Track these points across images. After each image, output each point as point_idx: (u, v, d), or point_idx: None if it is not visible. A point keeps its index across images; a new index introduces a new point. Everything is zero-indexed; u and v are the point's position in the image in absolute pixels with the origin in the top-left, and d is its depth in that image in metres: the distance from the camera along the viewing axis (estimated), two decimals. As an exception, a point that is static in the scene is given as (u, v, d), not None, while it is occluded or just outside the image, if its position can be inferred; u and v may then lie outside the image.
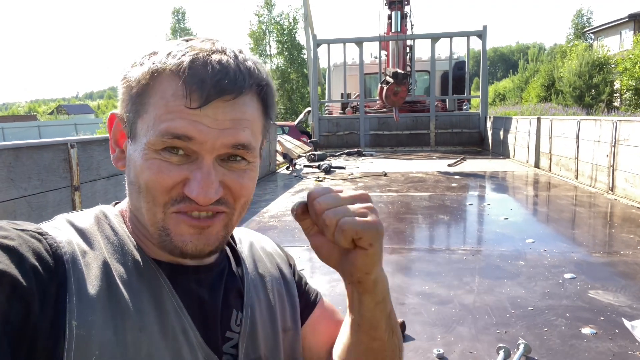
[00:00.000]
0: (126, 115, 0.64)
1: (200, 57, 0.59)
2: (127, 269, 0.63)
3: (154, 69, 0.60)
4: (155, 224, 0.63)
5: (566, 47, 37.75)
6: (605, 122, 6.02)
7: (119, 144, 0.68)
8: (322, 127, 13.02)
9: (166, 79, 0.60)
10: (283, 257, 0.89)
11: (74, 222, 0.65)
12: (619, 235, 4.07)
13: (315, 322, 0.88)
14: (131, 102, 0.63)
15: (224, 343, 0.70)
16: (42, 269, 0.55)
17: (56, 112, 60.03)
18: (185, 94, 0.58)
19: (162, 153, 0.60)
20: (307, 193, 0.66)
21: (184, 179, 0.61)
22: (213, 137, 0.60)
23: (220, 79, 0.59)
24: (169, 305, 0.64)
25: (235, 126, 0.61)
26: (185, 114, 0.58)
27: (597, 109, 23.74)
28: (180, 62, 0.59)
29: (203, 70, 0.58)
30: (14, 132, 32.19)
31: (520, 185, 6.92)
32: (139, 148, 0.62)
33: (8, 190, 2.78)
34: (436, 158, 10.36)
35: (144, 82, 0.61)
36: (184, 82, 0.58)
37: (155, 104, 0.60)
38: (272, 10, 34.60)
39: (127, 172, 0.65)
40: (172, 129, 0.59)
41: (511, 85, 40.86)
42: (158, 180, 0.60)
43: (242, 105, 0.61)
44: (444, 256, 3.59)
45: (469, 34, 12.58)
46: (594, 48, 28.10)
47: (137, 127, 0.62)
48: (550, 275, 3.13)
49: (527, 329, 2.40)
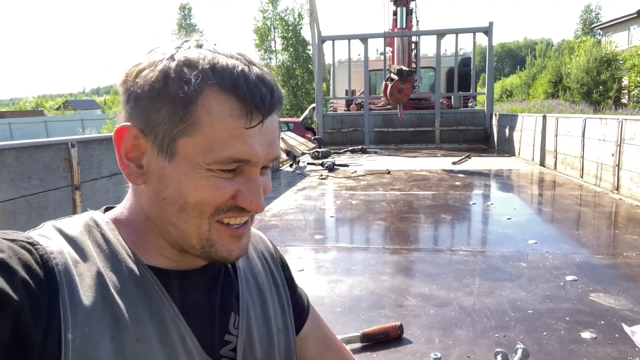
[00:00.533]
0: (156, 131, 0.61)
1: (247, 74, 0.60)
2: (121, 278, 0.62)
3: (202, 85, 0.58)
4: (199, 236, 0.64)
5: (574, 43, 37.41)
6: (610, 120, 5.95)
7: (130, 158, 0.64)
8: (326, 124, 12.99)
9: (219, 97, 0.59)
10: (274, 255, 0.89)
11: (63, 230, 0.64)
12: (623, 236, 4.02)
13: (306, 337, 0.90)
14: (171, 119, 0.60)
15: (222, 346, 0.70)
16: (33, 282, 0.54)
17: (63, 108, 60.34)
18: (244, 114, 0.59)
19: (215, 170, 0.61)
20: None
21: (235, 192, 0.63)
22: (264, 154, 0.63)
23: (272, 96, 0.61)
24: (166, 313, 0.63)
25: (275, 140, 0.65)
26: (245, 136, 0.60)
27: (604, 106, 23.54)
28: (233, 80, 0.59)
29: (256, 89, 0.59)
30: (21, 128, 32.40)
31: (524, 184, 6.87)
32: (185, 166, 0.61)
33: (8, 190, 2.79)
34: (441, 156, 10.31)
35: (190, 100, 0.58)
36: (242, 102, 0.59)
37: (211, 124, 0.59)
38: (277, 6, 34.51)
39: (157, 189, 0.63)
40: (234, 155, 0.60)
41: (518, 81, 40.58)
42: (215, 197, 0.62)
43: (276, 119, 0.65)
44: (444, 257, 3.57)
45: (475, 30, 12.49)
46: (602, 44, 27.83)
47: (179, 146, 0.60)
48: (551, 277, 3.10)
49: (526, 332, 2.38)
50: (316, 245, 3.96)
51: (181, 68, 0.59)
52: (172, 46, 0.63)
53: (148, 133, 0.62)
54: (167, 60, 0.61)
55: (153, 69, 0.61)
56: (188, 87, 0.58)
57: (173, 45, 0.63)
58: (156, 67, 0.61)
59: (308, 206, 5.48)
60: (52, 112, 55.60)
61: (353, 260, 3.54)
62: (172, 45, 0.63)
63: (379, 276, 3.20)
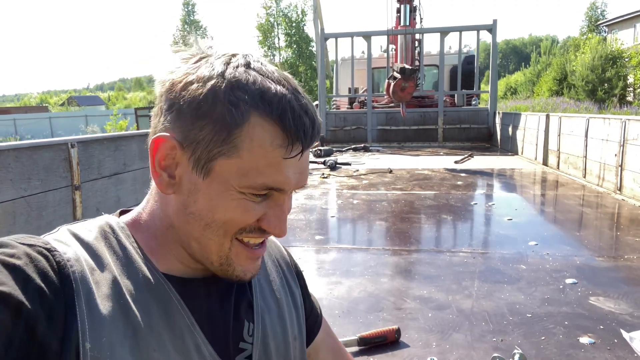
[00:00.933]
0: (195, 146, 0.61)
1: (293, 104, 0.60)
2: (137, 286, 0.62)
3: (249, 111, 0.59)
4: (220, 253, 0.65)
5: (579, 40, 37.20)
6: (614, 120, 5.92)
7: (163, 167, 0.64)
8: (329, 122, 12.97)
9: (263, 125, 0.59)
10: (289, 263, 0.89)
11: (79, 235, 0.63)
12: (624, 238, 4.00)
13: (319, 346, 0.91)
14: (214, 140, 0.59)
15: (237, 354, 0.70)
16: (49, 290, 0.54)
17: (67, 104, 60.52)
18: (286, 145, 0.60)
19: (247, 194, 0.62)
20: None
21: (262, 214, 0.64)
22: (296, 183, 0.63)
23: (314, 128, 0.62)
24: (181, 322, 0.64)
25: (307, 168, 0.66)
26: (282, 165, 0.61)
27: (609, 104, 23.40)
28: (281, 110, 0.59)
29: (300, 121, 0.60)
30: (26, 123, 32.50)
31: (527, 184, 6.84)
32: (218, 186, 0.61)
33: (7, 190, 2.80)
34: (443, 154, 10.29)
35: (235, 123, 0.59)
36: (285, 133, 0.60)
37: (251, 150, 0.59)
38: (280, 2, 34.44)
39: (186, 202, 0.63)
40: (269, 183, 0.61)
41: (523, 78, 40.38)
42: (243, 219, 0.63)
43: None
44: (444, 259, 3.56)
45: (478, 28, 12.43)
46: (607, 41, 27.64)
47: (217, 165, 0.60)
48: (551, 280, 3.09)
49: (524, 337, 2.37)
50: (316, 246, 3.96)
51: (230, 90, 0.59)
52: (221, 61, 0.62)
53: (186, 147, 0.61)
54: (216, 77, 0.60)
55: (202, 85, 0.60)
56: (236, 111, 0.58)
57: (222, 61, 0.62)
58: (206, 84, 0.60)
59: (309, 206, 5.48)
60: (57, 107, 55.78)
61: (353, 262, 3.54)
62: (221, 61, 0.62)
63: (378, 278, 3.19)
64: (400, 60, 12.25)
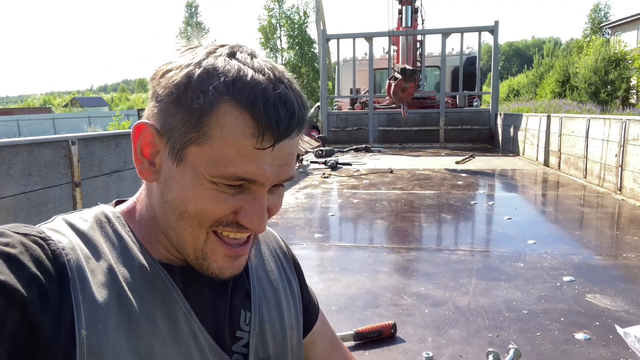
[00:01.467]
0: (170, 134, 0.61)
1: (269, 93, 0.58)
2: (133, 274, 0.62)
3: (219, 100, 0.57)
4: (195, 246, 0.63)
5: (582, 42, 37.15)
6: (614, 121, 5.92)
7: (145, 154, 0.65)
8: (330, 123, 12.99)
9: (234, 113, 0.57)
10: (287, 254, 0.90)
11: (75, 224, 0.64)
12: (623, 237, 4.00)
13: (317, 337, 0.91)
14: (186, 127, 0.59)
15: (234, 343, 0.70)
16: (44, 277, 0.54)
17: (70, 105, 60.71)
18: (257, 135, 0.57)
19: (219, 184, 0.60)
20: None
21: (237, 208, 0.62)
22: (273, 175, 0.61)
23: (290, 119, 0.59)
24: (178, 309, 0.64)
25: (290, 160, 0.63)
26: (254, 156, 0.58)
27: (612, 106, 23.35)
28: (251, 99, 0.57)
29: (274, 111, 0.57)
30: (29, 124, 32.64)
31: (527, 184, 6.84)
32: (190, 174, 0.60)
33: (8, 186, 2.82)
34: (445, 155, 10.29)
35: (205, 111, 0.58)
36: (256, 122, 0.57)
37: (221, 138, 0.58)
38: (283, 4, 34.49)
39: (163, 190, 0.64)
40: (239, 174, 0.59)
41: (525, 80, 40.35)
42: (214, 211, 0.61)
43: (296, 139, 0.63)
44: (442, 256, 3.57)
45: (480, 29, 12.43)
46: (610, 43, 27.59)
47: (189, 153, 0.60)
48: (548, 277, 3.10)
49: (520, 333, 2.38)
50: (315, 244, 3.97)
51: (203, 77, 0.58)
52: (205, 51, 0.61)
53: (164, 134, 0.62)
54: (193, 65, 0.59)
55: (178, 72, 0.60)
56: (205, 98, 0.57)
57: (206, 50, 0.62)
58: (181, 72, 0.60)
59: (309, 204, 5.50)
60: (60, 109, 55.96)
61: (351, 259, 3.55)
62: (205, 50, 0.62)
63: (376, 275, 3.20)
64: (401, 62, 12.26)
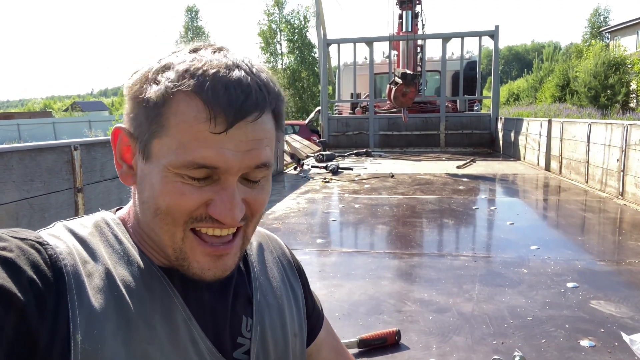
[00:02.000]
0: (138, 133, 0.62)
1: (220, 77, 0.57)
2: (132, 279, 0.62)
3: (171, 89, 0.57)
4: (173, 244, 0.62)
5: (582, 46, 37.24)
6: (616, 126, 5.92)
7: (124, 158, 0.66)
8: (331, 127, 13.00)
9: (186, 100, 0.57)
10: (291, 261, 0.89)
11: (74, 229, 0.64)
12: (626, 242, 3.99)
13: (321, 344, 0.90)
14: (146, 121, 0.60)
15: (235, 349, 0.70)
16: (41, 282, 0.54)
17: (71, 109, 60.78)
18: (209, 118, 0.56)
19: (184, 176, 0.59)
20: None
21: (207, 200, 0.60)
22: (238, 162, 0.59)
23: (244, 100, 0.57)
24: (178, 315, 0.63)
25: (257, 146, 0.60)
26: (210, 141, 0.57)
27: (612, 110, 23.37)
28: (200, 83, 0.57)
29: (225, 92, 0.56)
30: (30, 129, 32.65)
31: (528, 189, 6.84)
32: (156, 169, 0.60)
33: (10, 192, 2.82)
34: (445, 159, 10.29)
35: (161, 102, 0.58)
36: (207, 105, 0.56)
37: (176, 126, 0.58)
38: (283, 9, 34.58)
39: (139, 190, 0.64)
40: (198, 160, 0.57)
41: (525, 84, 40.39)
42: (180, 204, 0.59)
43: (262, 124, 0.60)
44: (445, 262, 3.56)
45: (480, 33, 12.46)
46: (610, 48, 27.66)
47: (153, 147, 0.60)
48: (552, 283, 3.08)
49: (525, 340, 2.37)
50: (318, 249, 3.96)
51: (158, 72, 0.59)
52: (170, 51, 0.63)
53: (134, 134, 0.62)
54: (154, 63, 0.61)
55: (139, 72, 0.62)
56: (158, 89, 0.58)
57: (171, 50, 0.63)
58: (141, 71, 0.61)
59: (311, 210, 5.49)
60: (60, 113, 56.00)
61: (354, 265, 3.54)
62: (170, 50, 0.63)
63: (379, 281, 3.19)
64: (402, 66, 12.29)
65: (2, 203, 2.77)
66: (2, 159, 2.79)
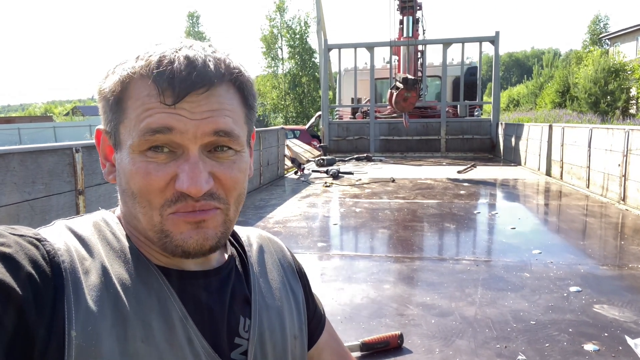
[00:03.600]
0: (109, 127, 0.64)
1: (167, 55, 0.60)
2: (129, 277, 0.62)
3: (125, 75, 0.61)
4: (153, 227, 0.62)
5: (582, 52, 37.34)
6: (617, 131, 5.92)
7: (108, 158, 0.68)
8: (332, 132, 13.01)
9: (138, 82, 0.60)
10: (292, 264, 0.88)
11: (73, 228, 0.64)
12: (629, 247, 3.98)
13: (323, 347, 0.90)
14: (111, 112, 0.63)
15: (232, 349, 0.69)
16: (39, 277, 0.54)
17: (72, 114, 60.86)
18: (159, 92, 0.59)
19: (148, 154, 0.60)
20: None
21: (173, 176, 0.60)
22: (194, 126, 0.60)
23: (189, 72, 0.59)
24: (174, 314, 0.63)
25: (214, 115, 0.61)
26: (162, 109, 0.59)
27: (612, 116, 23.41)
28: (149, 64, 0.60)
29: (171, 67, 0.59)
30: (30, 133, 32.66)
31: (530, 194, 6.83)
32: (125, 154, 0.62)
33: (11, 194, 2.81)
34: (446, 164, 10.29)
35: (118, 90, 0.61)
36: (154, 81, 0.59)
37: (132, 106, 0.60)
38: (284, 15, 34.70)
39: (119, 181, 0.65)
40: (151, 124, 0.59)
41: (525, 90, 40.46)
42: (149, 182, 0.60)
43: (218, 96, 0.62)
44: (447, 266, 3.55)
45: (481, 39, 12.49)
46: (609, 54, 27.74)
47: (119, 134, 0.63)
48: (555, 288, 3.07)
49: (528, 343, 2.35)
50: (319, 253, 3.95)
51: (117, 66, 0.63)
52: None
53: (108, 131, 0.66)
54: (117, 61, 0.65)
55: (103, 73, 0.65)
56: (114, 79, 0.62)
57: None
58: (106, 70, 0.65)
59: (312, 213, 5.48)
60: (61, 117, 56.09)
61: (355, 268, 3.53)
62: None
63: (380, 284, 3.18)
64: (403, 71, 12.31)
65: (3, 205, 2.76)
66: (3, 161, 2.78)
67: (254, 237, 0.86)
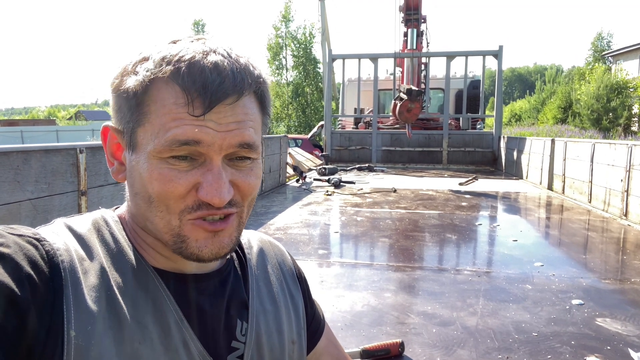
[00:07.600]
0: (124, 126, 0.63)
1: (196, 62, 0.58)
2: (126, 279, 0.62)
3: (149, 77, 0.59)
4: (170, 231, 0.62)
5: (585, 69, 37.50)
6: (620, 146, 5.92)
7: (115, 156, 0.67)
8: (334, 141, 13.03)
9: (164, 86, 0.59)
10: (292, 268, 0.88)
11: (72, 227, 0.64)
12: (631, 262, 3.96)
13: (322, 352, 0.89)
14: (130, 112, 0.61)
15: (229, 353, 0.69)
16: (38, 277, 0.54)
17: (75, 118, 61.08)
18: (187, 102, 0.57)
19: (169, 160, 0.59)
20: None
21: (195, 184, 0.60)
22: (220, 139, 0.59)
23: (221, 82, 0.58)
24: (170, 316, 0.63)
25: (240, 127, 0.61)
26: (190, 121, 0.58)
27: (614, 133, 23.45)
28: (177, 68, 0.58)
29: (201, 76, 0.57)
30: (33, 136, 32.77)
31: (531, 207, 6.81)
32: (143, 158, 0.61)
33: (14, 192, 2.81)
34: (447, 176, 10.28)
35: (141, 91, 0.59)
36: (184, 90, 0.58)
37: (157, 111, 0.59)
38: (290, 25, 34.94)
39: (130, 183, 0.64)
40: (179, 137, 0.58)
41: (527, 105, 40.57)
42: (170, 190, 0.60)
43: (243, 107, 0.61)
44: (449, 276, 3.53)
45: (484, 53, 12.55)
46: (612, 71, 27.85)
47: (137, 137, 0.61)
48: (557, 300, 3.05)
49: (530, 355, 2.33)
50: (319, 260, 3.93)
51: (137, 63, 0.61)
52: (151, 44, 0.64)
53: (121, 129, 0.64)
54: (134, 56, 0.63)
55: (120, 67, 0.63)
56: (137, 79, 0.60)
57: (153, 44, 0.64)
58: (122, 65, 0.63)
59: (313, 221, 5.46)
60: (64, 121, 56.29)
61: (356, 276, 3.51)
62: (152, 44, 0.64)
63: (381, 293, 3.16)
64: (406, 83, 12.37)
65: (5, 203, 2.76)
66: (7, 159, 2.79)
67: (254, 240, 0.85)
